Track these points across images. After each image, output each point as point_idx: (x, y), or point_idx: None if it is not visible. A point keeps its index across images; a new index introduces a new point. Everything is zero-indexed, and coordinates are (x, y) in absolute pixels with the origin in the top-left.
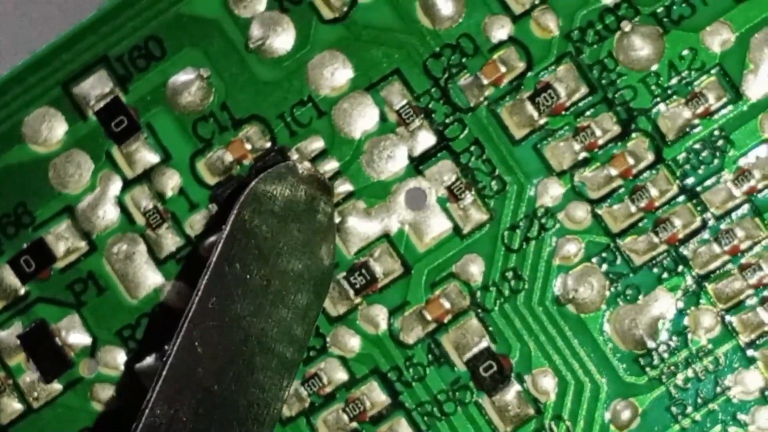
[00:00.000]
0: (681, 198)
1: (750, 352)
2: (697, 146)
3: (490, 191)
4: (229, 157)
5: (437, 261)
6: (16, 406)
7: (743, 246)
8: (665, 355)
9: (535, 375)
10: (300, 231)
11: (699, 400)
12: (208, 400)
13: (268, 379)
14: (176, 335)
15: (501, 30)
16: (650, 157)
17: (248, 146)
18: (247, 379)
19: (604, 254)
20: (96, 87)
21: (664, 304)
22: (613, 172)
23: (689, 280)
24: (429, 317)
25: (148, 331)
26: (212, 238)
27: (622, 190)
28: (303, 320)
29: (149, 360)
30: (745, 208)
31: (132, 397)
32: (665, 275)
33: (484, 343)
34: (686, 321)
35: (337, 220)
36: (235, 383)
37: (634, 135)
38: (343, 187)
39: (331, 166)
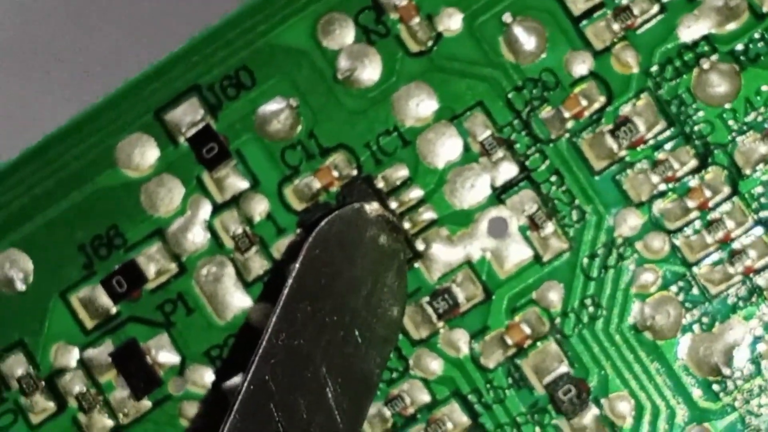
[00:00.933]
0: (756, 230)
1: None
2: None
3: (570, 221)
4: (316, 184)
5: (518, 287)
6: (107, 422)
7: None
8: (739, 382)
9: (612, 399)
10: (370, 271)
11: None
12: None
13: (340, 412)
14: (247, 371)
15: (582, 65)
16: (726, 189)
17: (335, 174)
18: (318, 414)
19: (680, 283)
20: (187, 114)
21: (738, 332)
22: (690, 204)
23: (764, 309)
24: (509, 342)
25: (234, 350)
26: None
27: (698, 222)
28: (376, 352)
29: (236, 379)
30: None
31: (218, 415)
32: (740, 304)
33: (563, 367)
34: (760, 349)
35: (421, 247)
36: (308, 416)
37: (710, 168)
38: (426, 215)
39: (415, 194)
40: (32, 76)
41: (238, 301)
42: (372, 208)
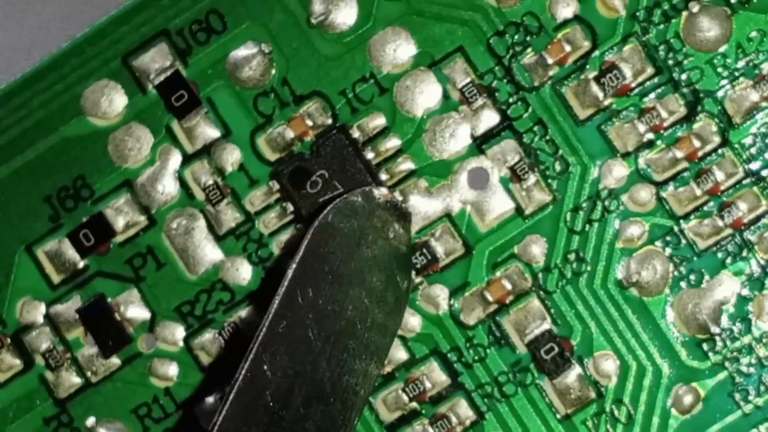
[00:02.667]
0: (747, 181)
1: None
2: (763, 129)
3: (553, 172)
4: (290, 134)
5: (499, 241)
6: (75, 380)
7: None
8: (728, 341)
9: (597, 358)
10: (375, 257)
11: (762, 386)
12: (275, 425)
13: (339, 405)
14: (245, 359)
15: (566, 8)
16: (716, 139)
17: (309, 123)
18: (317, 405)
19: (668, 237)
20: (156, 60)
21: (728, 288)
22: (679, 154)
23: (754, 265)
24: (490, 298)
25: (205, 307)
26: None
27: (687, 173)
28: (375, 346)
29: (209, 400)
30: None
31: None
32: (729, 260)
33: (546, 325)
34: (750, 306)
35: (398, 198)
36: (304, 408)
37: (700, 117)
38: (404, 166)
39: (392, 144)
40: None
41: (210, 255)
42: (380, 192)
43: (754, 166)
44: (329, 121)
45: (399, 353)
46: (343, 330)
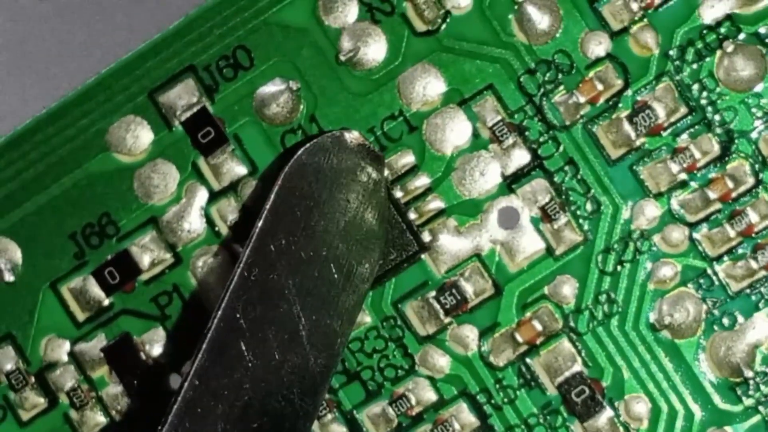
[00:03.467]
0: None
1: None
2: None
3: (584, 212)
4: None
5: (529, 282)
6: (100, 419)
7: None
8: (762, 384)
9: (628, 401)
10: (348, 200)
11: None
12: (251, 372)
13: (314, 350)
14: (217, 307)
15: (598, 46)
16: (750, 180)
17: None
18: (293, 352)
19: (700, 279)
20: (182, 96)
21: (762, 331)
22: (712, 195)
23: None
24: (520, 339)
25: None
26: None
27: (720, 214)
28: (353, 289)
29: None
30: None
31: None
32: (763, 302)
33: (577, 367)
34: None
35: (427, 238)
36: (280, 355)
37: (733, 157)
38: (433, 205)
39: (421, 182)
40: (22, 56)
41: None
42: (352, 136)
43: None
44: None
45: (427, 394)
46: (317, 274)
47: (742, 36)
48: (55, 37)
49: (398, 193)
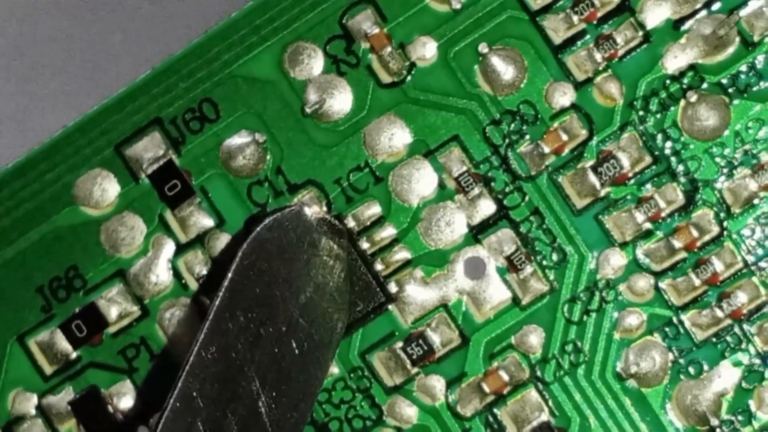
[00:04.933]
0: (746, 272)
1: None
2: (762, 219)
3: (550, 262)
4: None
5: (496, 332)
6: None
7: None
8: None
9: None
10: (309, 275)
11: None
12: None
13: (274, 427)
14: (173, 387)
15: (563, 97)
16: (715, 229)
17: None
18: (252, 429)
19: (666, 328)
20: (149, 149)
21: (727, 379)
22: (677, 244)
23: (753, 356)
24: (487, 389)
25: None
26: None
27: (685, 263)
28: (315, 362)
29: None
30: None
31: None
32: (729, 351)
33: (543, 416)
34: (750, 398)
35: (394, 289)
36: None
37: (698, 206)
38: (400, 255)
39: (388, 233)
40: None
41: None
42: (312, 210)
43: (753, 256)
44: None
45: None
46: (277, 351)
47: (705, 86)
48: (20, 90)
49: (364, 245)
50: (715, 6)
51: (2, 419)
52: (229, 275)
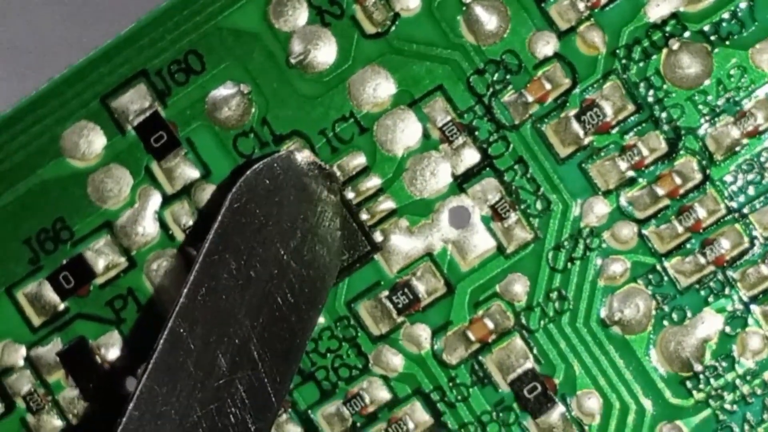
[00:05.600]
0: (729, 218)
1: None
2: (745, 166)
3: (534, 210)
4: None
5: (481, 280)
6: (56, 422)
7: None
8: (712, 378)
9: (580, 397)
10: (300, 221)
11: (746, 424)
12: (200, 392)
13: (266, 368)
14: (163, 327)
15: (546, 46)
16: (698, 176)
17: None
18: (244, 369)
19: (650, 275)
20: (135, 101)
21: (711, 326)
22: (660, 191)
23: (737, 302)
24: (472, 337)
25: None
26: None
27: (668, 210)
28: (307, 305)
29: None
30: None
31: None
32: (712, 297)
33: (528, 364)
34: (733, 343)
35: (379, 238)
36: (230, 373)
37: (681, 154)
38: (385, 205)
39: (373, 183)
40: None
41: None
42: (303, 155)
43: (736, 203)
44: None
45: (381, 393)
46: (267, 293)
47: (687, 34)
48: (7, 44)
49: (350, 194)
50: None
51: None
52: (219, 218)
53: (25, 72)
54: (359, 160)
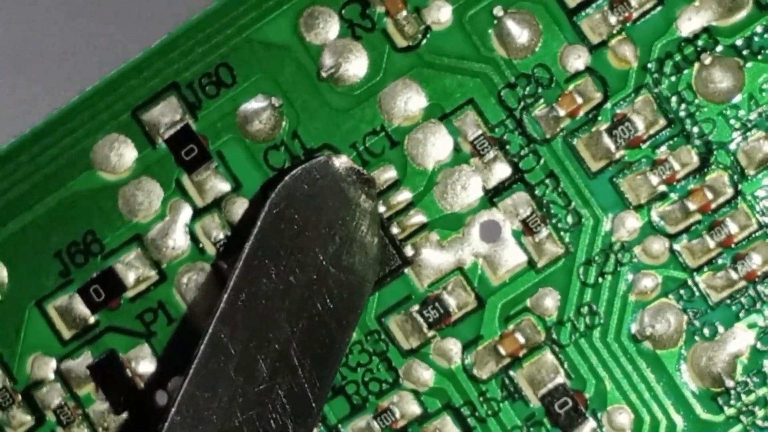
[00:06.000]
0: (760, 233)
1: None
2: None
3: (565, 224)
4: None
5: (511, 295)
6: None
7: None
8: (743, 394)
9: (611, 412)
10: (339, 226)
11: None
12: (241, 397)
13: (306, 373)
14: (204, 333)
15: (577, 60)
16: (729, 191)
17: None
18: (284, 375)
19: (681, 290)
20: (166, 114)
21: (742, 341)
22: (692, 206)
23: None
24: (503, 352)
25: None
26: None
27: (700, 225)
28: (347, 310)
29: (176, 379)
30: None
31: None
32: (743, 312)
33: (559, 379)
34: (765, 359)
35: (410, 252)
36: (271, 378)
37: (713, 169)
38: (415, 219)
39: (404, 196)
40: (3, 75)
41: None
42: (341, 161)
43: None
44: None
45: (412, 407)
46: (307, 298)
47: (719, 48)
48: (39, 56)
49: (381, 208)
50: None
51: (22, 384)
52: (258, 224)
53: (56, 84)
54: (390, 173)
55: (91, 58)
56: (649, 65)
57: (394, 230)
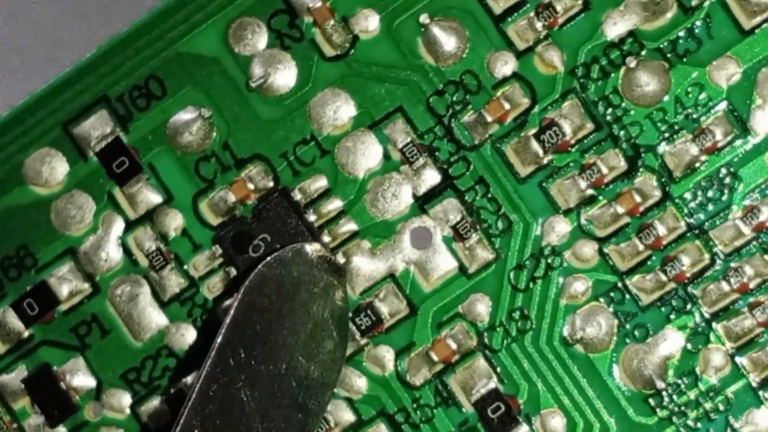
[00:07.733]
0: (689, 235)
1: (760, 392)
2: (704, 183)
3: (495, 230)
4: (231, 198)
5: (443, 301)
6: None
7: (752, 284)
8: (675, 395)
9: (544, 416)
10: (309, 313)
11: None
12: None
13: None
14: (176, 423)
15: (505, 66)
16: (657, 194)
17: (251, 186)
18: None
19: (611, 293)
20: (96, 127)
21: (673, 343)
22: (620, 209)
23: (698, 319)
24: (436, 358)
25: (151, 373)
26: (228, 302)
27: (629, 228)
28: (313, 400)
29: None
30: (754, 245)
31: None
32: (674, 314)
33: (492, 384)
34: (696, 360)
35: (341, 260)
36: None
37: (640, 172)
38: (347, 227)
39: (334, 205)
40: None
41: (155, 321)
42: (313, 248)
43: (696, 220)
44: (271, 184)
45: (346, 415)
46: (277, 389)
47: (644, 52)
48: None
49: (311, 217)
50: None
51: None
52: (231, 312)
53: None
54: (321, 182)
55: (20, 73)
56: (576, 70)
57: (326, 239)
